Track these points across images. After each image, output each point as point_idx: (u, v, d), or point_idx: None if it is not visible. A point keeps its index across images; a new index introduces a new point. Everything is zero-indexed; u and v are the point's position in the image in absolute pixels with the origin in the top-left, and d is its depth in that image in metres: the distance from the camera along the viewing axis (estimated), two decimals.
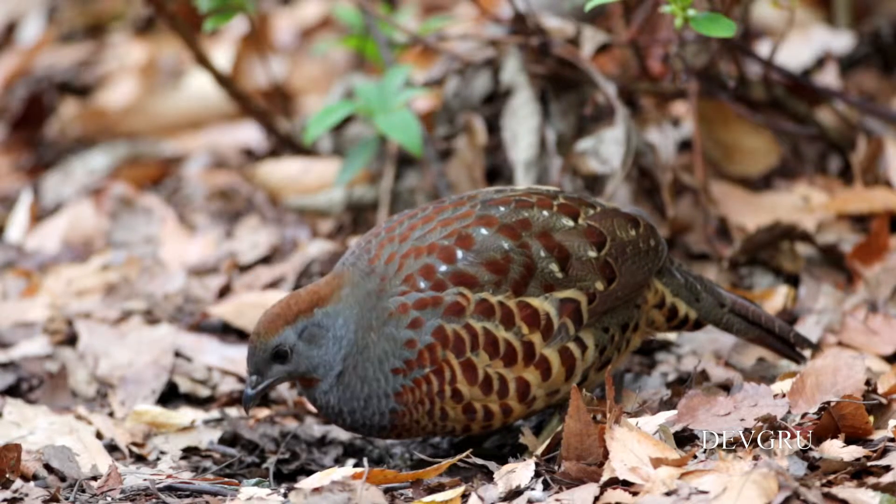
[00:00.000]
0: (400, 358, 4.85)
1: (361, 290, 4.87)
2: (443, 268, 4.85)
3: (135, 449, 5.43)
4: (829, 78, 6.70)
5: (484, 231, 4.88)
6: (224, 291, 6.36)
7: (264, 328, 4.87)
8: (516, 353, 4.86)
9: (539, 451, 4.81)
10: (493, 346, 4.85)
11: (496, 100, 6.41)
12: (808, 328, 5.61)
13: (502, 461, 4.91)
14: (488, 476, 4.81)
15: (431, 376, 4.85)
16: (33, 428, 5.43)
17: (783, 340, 5.22)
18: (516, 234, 4.88)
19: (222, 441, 5.35)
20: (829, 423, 4.56)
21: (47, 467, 5.06)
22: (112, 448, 5.44)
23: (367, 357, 4.87)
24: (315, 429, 5.42)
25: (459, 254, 4.86)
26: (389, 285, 4.86)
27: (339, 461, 5.29)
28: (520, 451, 5.04)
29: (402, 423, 4.90)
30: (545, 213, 4.94)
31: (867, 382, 4.73)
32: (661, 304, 5.10)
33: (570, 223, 4.95)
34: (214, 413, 5.58)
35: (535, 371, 4.88)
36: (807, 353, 5.28)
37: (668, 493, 4.29)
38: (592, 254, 4.94)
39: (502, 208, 4.92)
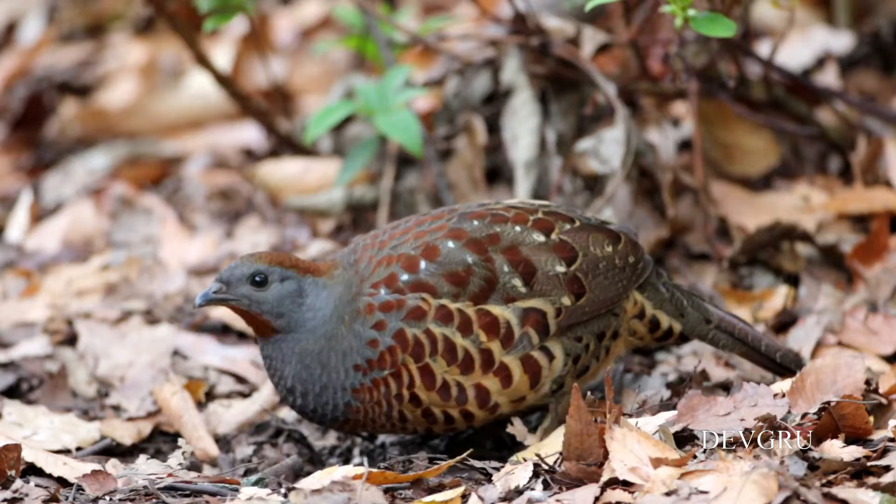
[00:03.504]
0: (362, 356, 4.91)
1: (347, 280, 4.94)
2: (404, 276, 4.92)
3: (135, 449, 5.44)
4: (829, 78, 6.70)
5: (451, 244, 4.94)
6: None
7: (259, 254, 4.97)
8: (473, 361, 4.89)
9: (533, 448, 4.81)
10: (450, 353, 4.89)
11: (496, 100, 6.41)
12: (808, 328, 5.61)
13: (503, 462, 4.91)
14: (488, 476, 4.81)
15: (390, 379, 4.91)
16: (34, 428, 5.43)
17: (769, 359, 5.20)
18: (482, 249, 4.92)
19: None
20: (829, 423, 4.56)
21: (47, 467, 5.07)
22: (112, 448, 5.44)
23: (332, 346, 4.93)
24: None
25: (422, 264, 4.93)
26: (364, 287, 4.92)
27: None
28: (513, 446, 5.06)
29: (356, 418, 4.96)
30: (517, 228, 4.97)
31: (867, 382, 4.73)
32: (640, 315, 5.10)
33: (541, 238, 4.97)
34: None
35: (495, 378, 4.91)
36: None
37: (668, 493, 4.29)
38: (561, 269, 4.95)
39: (476, 222, 4.96)
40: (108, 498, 4.76)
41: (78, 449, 5.40)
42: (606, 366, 5.10)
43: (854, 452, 4.43)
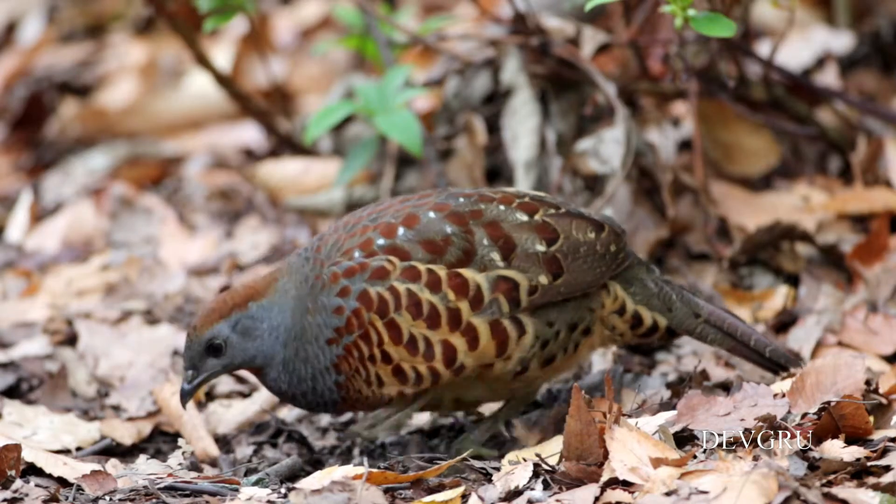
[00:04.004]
0: (331, 327, 4.93)
1: (300, 276, 4.98)
2: (380, 241, 4.95)
3: (135, 449, 5.44)
4: (829, 78, 6.70)
5: (432, 214, 4.96)
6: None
7: (199, 322, 4.98)
8: (439, 316, 4.90)
9: (533, 449, 4.81)
10: (416, 307, 4.90)
11: (496, 100, 6.41)
12: (808, 328, 5.61)
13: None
14: (488, 476, 4.81)
15: (360, 342, 4.93)
16: (34, 428, 5.43)
17: (758, 354, 5.19)
18: (463, 221, 4.95)
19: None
20: (829, 423, 4.56)
21: (47, 467, 5.07)
22: (112, 448, 5.44)
23: (306, 339, 4.96)
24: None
25: (400, 231, 4.94)
26: (328, 260, 4.95)
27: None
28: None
29: (348, 395, 4.99)
30: (502, 207, 4.99)
31: (867, 382, 4.73)
32: (621, 310, 5.09)
33: (525, 217, 5.00)
34: None
35: (462, 338, 4.92)
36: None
37: (668, 493, 4.29)
38: (541, 248, 4.98)
39: (462, 199, 4.99)
40: (108, 498, 4.76)
41: (78, 449, 5.40)
42: (573, 362, 5.10)
43: (854, 452, 4.43)
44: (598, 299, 5.07)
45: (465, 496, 4.55)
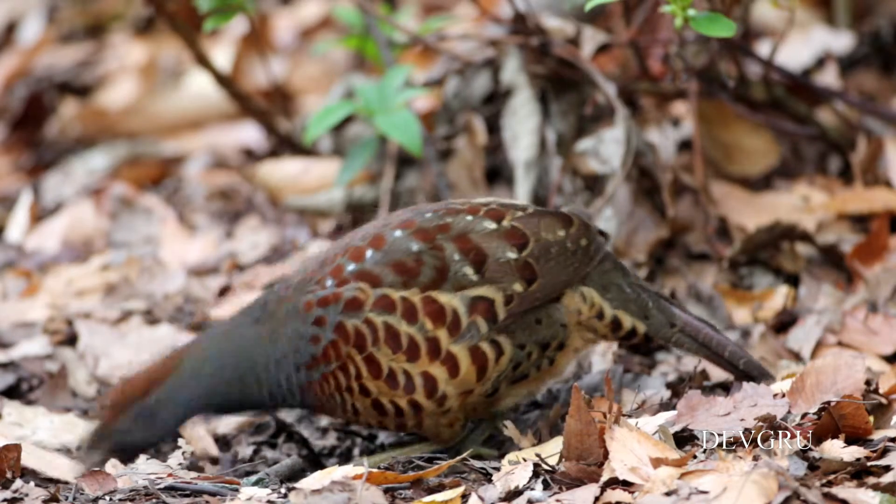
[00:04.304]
0: (308, 353, 4.89)
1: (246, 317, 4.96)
2: (350, 266, 4.89)
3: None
4: (829, 78, 6.70)
5: (398, 233, 4.91)
6: (224, 292, 6.36)
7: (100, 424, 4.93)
8: (419, 348, 4.86)
9: (533, 450, 4.81)
10: (394, 341, 4.86)
11: (496, 100, 6.41)
12: (808, 328, 5.61)
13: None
14: (488, 476, 4.81)
15: (338, 373, 4.90)
16: (34, 428, 5.43)
17: (732, 365, 5.14)
18: (430, 237, 4.89)
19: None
20: (829, 423, 4.56)
21: (47, 467, 5.07)
22: None
23: (281, 368, 4.91)
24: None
25: (369, 253, 4.90)
26: (304, 286, 4.91)
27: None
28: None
29: (321, 410, 4.98)
30: (469, 217, 4.95)
31: (867, 382, 4.73)
32: (600, 315, 5.05)
33: (492, 225, 4.94)
34: None
35: (442, 367, 4.87)
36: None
37: (668, 493, 4.29)
38: (512, 255, 4.93)
39: (428, 214, 4.94)
40: (108, 498, 4.76)
41: (78, 449, 5.39)
42: (549, 378, 5.06)
43: (854, 452, 4.43)
44: (572, 311, 5.02)
45: (465, 496, 4.55)
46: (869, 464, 4.39)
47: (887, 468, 4.36)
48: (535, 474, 4.62)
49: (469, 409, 4.96)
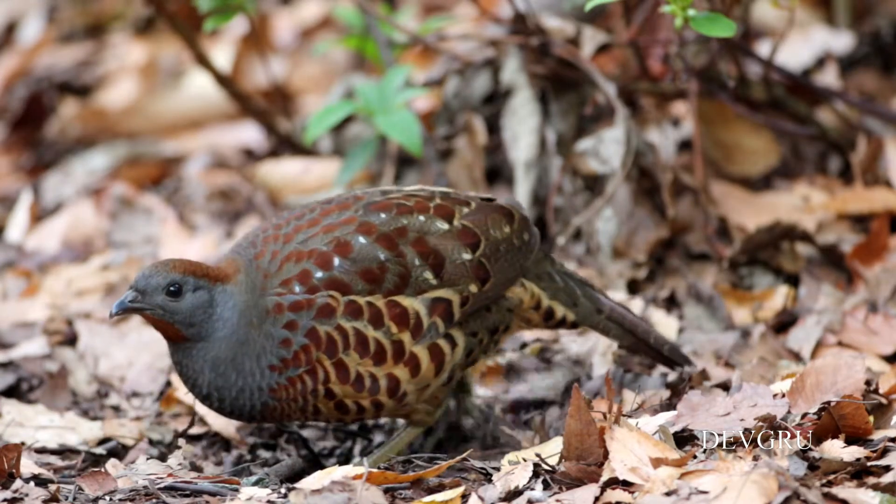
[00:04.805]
0: (276, 356, 4.92)
1: (250, 281, 4.96)
2: (318, 273, 4.93)
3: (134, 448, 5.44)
4: (829, 78, 6.70)
5: (362, 240, 4.96)
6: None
7: (173, 262, 4.94)
8: (385, 352, 4.94)
9: (533, 450, 4.82)
10: (363, 346, 4.93)
11: (496, 100, 6.41)
12: (808, 328, 5.61)
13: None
14: (488, 476, 4.81)
15: (305, 376, 4.93)
16: (34, 428, 5.43)
17: (656, 351, 5.25)
18: (393, 244, 4.96)
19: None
20: (829, 423, 4.56)
21: (48, 467, 5.06)
22: (112, 448, 5.44)
23: (245, 351, 4.93)
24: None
25: (336, 261, 4.94)
26: (269, 284, 4.94)
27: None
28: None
29: (272, 414, 4.98)
30: (421, 217, 5.01)
31: (867, 382, 4.72)
32: (537, 306, 5.14)
33: (445, 226, 5.02)
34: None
35: (405, 368, 4.95)
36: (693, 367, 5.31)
37: (668, 493, 4.29)
38: (467, 256, 5.02)
39: (383, 215, 4.99)
40: (108, 498, 4.76)
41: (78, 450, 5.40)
42: (490, 358, 5.17)
43: (854, 452, 4.43)
44: (518, 298, 5.10)
45: (465, 496, 4.55)
46: (869, 464, 4.39)
47: (887, 468, 4.36)
48: (535, 474, 4.62)
49: (426, 399, 5.02)
